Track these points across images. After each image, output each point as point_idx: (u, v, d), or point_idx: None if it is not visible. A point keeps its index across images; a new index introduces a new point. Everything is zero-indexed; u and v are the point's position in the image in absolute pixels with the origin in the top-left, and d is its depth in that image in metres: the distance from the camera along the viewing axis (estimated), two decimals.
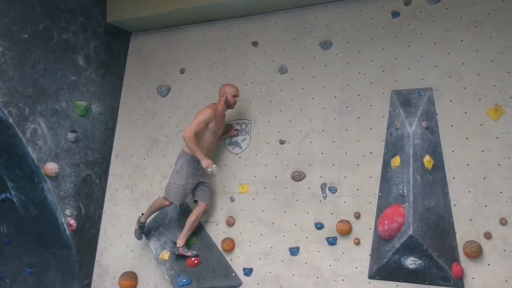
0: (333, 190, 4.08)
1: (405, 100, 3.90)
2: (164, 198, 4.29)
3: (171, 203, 4.29)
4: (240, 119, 4.64)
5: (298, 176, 4.22)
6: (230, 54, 4.86)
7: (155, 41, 5.36)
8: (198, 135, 4.12)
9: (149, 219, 4.56)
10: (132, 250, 4.85)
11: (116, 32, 5.33)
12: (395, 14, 4.12)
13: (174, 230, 4.48)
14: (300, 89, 4.39)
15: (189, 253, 4.25)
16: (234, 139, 4.62)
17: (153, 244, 4.55)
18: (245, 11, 4.76)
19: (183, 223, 4.38)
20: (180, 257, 4.30)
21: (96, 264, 5.00)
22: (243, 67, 4.76)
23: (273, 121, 4.48)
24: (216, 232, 4.48)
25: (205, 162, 4.05)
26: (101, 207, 5.11)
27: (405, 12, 4.09)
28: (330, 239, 3.99)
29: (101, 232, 5.07)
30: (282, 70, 4.54)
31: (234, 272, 4.30)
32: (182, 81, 5.08)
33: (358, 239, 3.88)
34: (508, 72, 3.63)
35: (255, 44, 4.75)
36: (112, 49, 5.30)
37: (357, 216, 3.92)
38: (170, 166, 4.88)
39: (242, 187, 4.43)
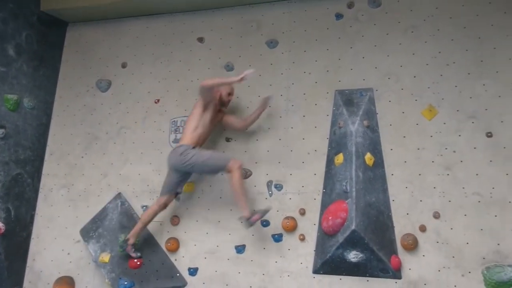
0: (279, 187, 4.12)
1: (347, 99, 4.03)
2: (228, 168, 3.79)
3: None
4: (185, 116, 4.54)
5: (244, 174, 4.21)
6: (175, 50, 4.75)
7: (94, 33, 5.09)
8: (196, 122, 3.93)
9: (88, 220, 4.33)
10: (68, 254, 4.57)
11: (52, 22, 4.99)
12: (339, 16, 4.25)
13: (115, 231, 4.29)
14: (247, 87, 4.39)
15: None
16: (179, 136, 4.51)
17: (92, 246, 4.32)
18: (191, 6, 4.67)
19: (123, 223, 4.21)
20: (122, 259, 4.12)
21: (27, 270, 4.65)
22: (188, 63, 4.67)
23: None
24: (160, 232, 4.35)
25: (239, 76, 3.71)
26: (34, 209, 4.76)
27: (348, 15, 4.23)
28: (276, 236, 4.03)
29: (33, 235, 4.72)
30: (229, 67, 4.51)
31: (179, 273, 4.20)
32: (124, 76, 4.88)
33: (303, 235, 3.95)
34: (441, 75, 3.88)
35: (201, 40, 4.68)
36: (46, 39, 4.96)
37: (302, 212, 4.00)
38: (111, 164, 4.68)
39: (187, 185, 4.34)
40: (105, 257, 4.17)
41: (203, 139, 4.02)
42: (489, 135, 3.70)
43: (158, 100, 4.66)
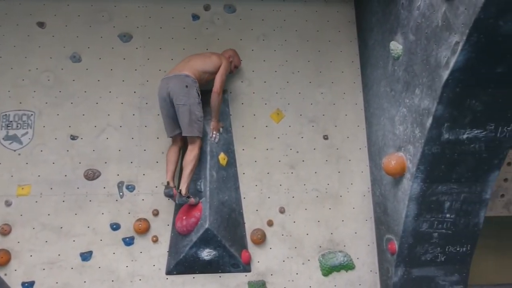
0: (131, 188, 3.94)
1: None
2: (194, 139, 3.65)
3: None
4: (20, 110, 3.98)
5: (92, 175, 3.90)
6: (8, 33, 4.11)
7: None
8: (210, 69, 3.81)
9: None
10: None
11: None
12: (196, 17, 4.28)
13: None
14: (96, 81, 4.08)
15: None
16: (11, 133, 3.93)
17: None
18: None
19: None
20: None
21: None
22: (25, 50, 4.09)
23: (63, 114, 4.01)
24: None
25: (217, 125, 3.86)
26: None
27: (205, 17, 4.29)
28: (127, 239, 3.84)
29: None
30: (75, 59, 4.11)
31: None
32: None
33: (156, 236, 3.85)
34: (287, 82, 4.24)
35: (41, 25, 4.16)
36: None
37: (156, 213, 3.90)
38: None
39: (22, 188, 3.81)
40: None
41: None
42: (325, 137, 4.19)
43: None
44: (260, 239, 3.89)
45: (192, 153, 3.67)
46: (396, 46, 3.49)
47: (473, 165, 3.27)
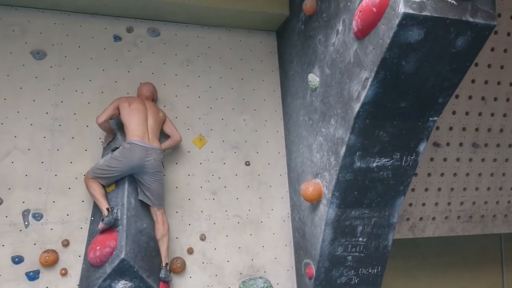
0: (38, 217, 3.62)
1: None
2: (162, 211, 3.77)
3: None
4: None
5: None
6: None
7: None
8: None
9: None
10: None
11: None
12: (117, 38, 4.17)
13: None
14: (2, 99, 3.76)
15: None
16: None
17: None
18: None
19: None
20: None
21: None
22: None
23: None
24: None
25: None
26: None
27: (127, 38, 4.20)
28: (31, 273, 3.50)
29: None
30: None
31: None
32: None
33: (65, 269, 3.56)
34: (211, 108, 4.26)
35: None
36: None
37: (66, 244, 3.62)
38: None
39: None
40: None
41: None
42: (247, 163, 4.25)
43: None
44: (180, 268, 3.78)
45: (165, 224, 3.73)
46: (313, 78, 3.70)
47: (382, 191, 3.52)
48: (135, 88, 4.08)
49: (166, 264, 3.65)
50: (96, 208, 3.69)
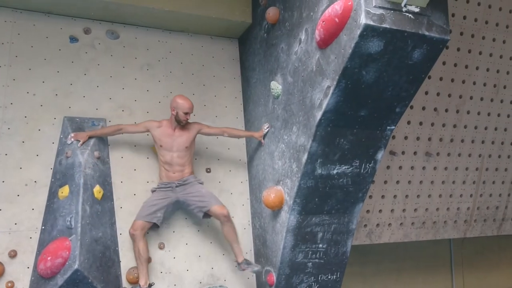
0: None
1: (78, 128, 3.78)
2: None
3: None
4: None
5: None
6: None
7: None
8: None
9: None
10: None
11: None
12: (74, 39, 4.00)
13: None
14: None
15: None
16: None
17: None
18: None
19: None
20: None
21: None
22: None
23: None
24: None
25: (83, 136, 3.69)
26: None
27: (84, 40, 4.04)
28: None
29: None
30: None
31: None
32: None
33: (12, 282, 3.34)
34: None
35: None
36: None
37: (13, 255, 3.39)
38: None
39: None
40: None
41: None
42: (208, 170, 4.20)
43: None
44: (137, 278, 3.64)
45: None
46: (276, 86, 3.73)
47: (341, 198, 3.58)
48: (92, 92, 3.94)
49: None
50: (47, 216, 3.50)
